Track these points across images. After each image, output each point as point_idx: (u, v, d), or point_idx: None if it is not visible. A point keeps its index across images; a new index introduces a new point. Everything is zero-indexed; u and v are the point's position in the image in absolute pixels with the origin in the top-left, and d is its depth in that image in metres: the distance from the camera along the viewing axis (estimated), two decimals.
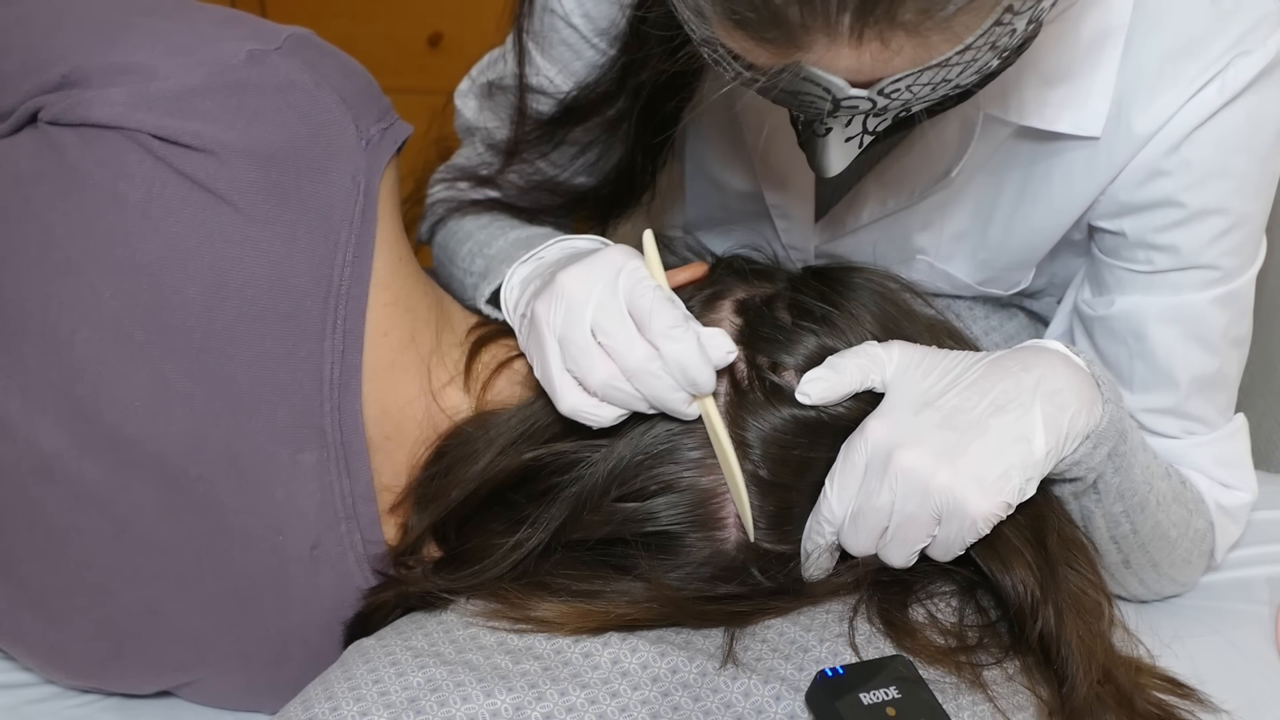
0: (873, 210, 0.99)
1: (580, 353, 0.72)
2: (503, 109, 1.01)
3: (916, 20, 0.60)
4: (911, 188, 0.96)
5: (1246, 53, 0.82)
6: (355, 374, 0.78)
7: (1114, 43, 0.84)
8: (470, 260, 0.97)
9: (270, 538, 0.78)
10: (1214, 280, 0.88)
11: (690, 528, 0.76)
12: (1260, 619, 0.97)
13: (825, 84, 0.64)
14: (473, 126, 1.06)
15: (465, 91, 1.08)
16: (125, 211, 0.74)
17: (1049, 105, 0.86)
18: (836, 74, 0.64)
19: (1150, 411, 0.92)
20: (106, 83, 0.75)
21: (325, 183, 0.77)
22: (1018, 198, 0.95)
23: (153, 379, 0.75)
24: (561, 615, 0.74)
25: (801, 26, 0.61)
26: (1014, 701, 0.74)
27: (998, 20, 0.63)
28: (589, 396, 0.73)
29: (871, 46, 0.61)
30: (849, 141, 0.72)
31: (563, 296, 0.73)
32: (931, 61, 0.63)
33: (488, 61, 1.06)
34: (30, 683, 0.91)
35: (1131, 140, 0.86)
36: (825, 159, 0.73)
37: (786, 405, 0.76)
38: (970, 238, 0.99)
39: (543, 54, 0.96)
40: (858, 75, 0.64)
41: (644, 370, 0.71)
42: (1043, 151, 0.91)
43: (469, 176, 1.03)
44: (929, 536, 0.73)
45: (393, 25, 1.99)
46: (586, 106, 0.94)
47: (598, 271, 0.73)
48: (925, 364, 0.75)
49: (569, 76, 0.96)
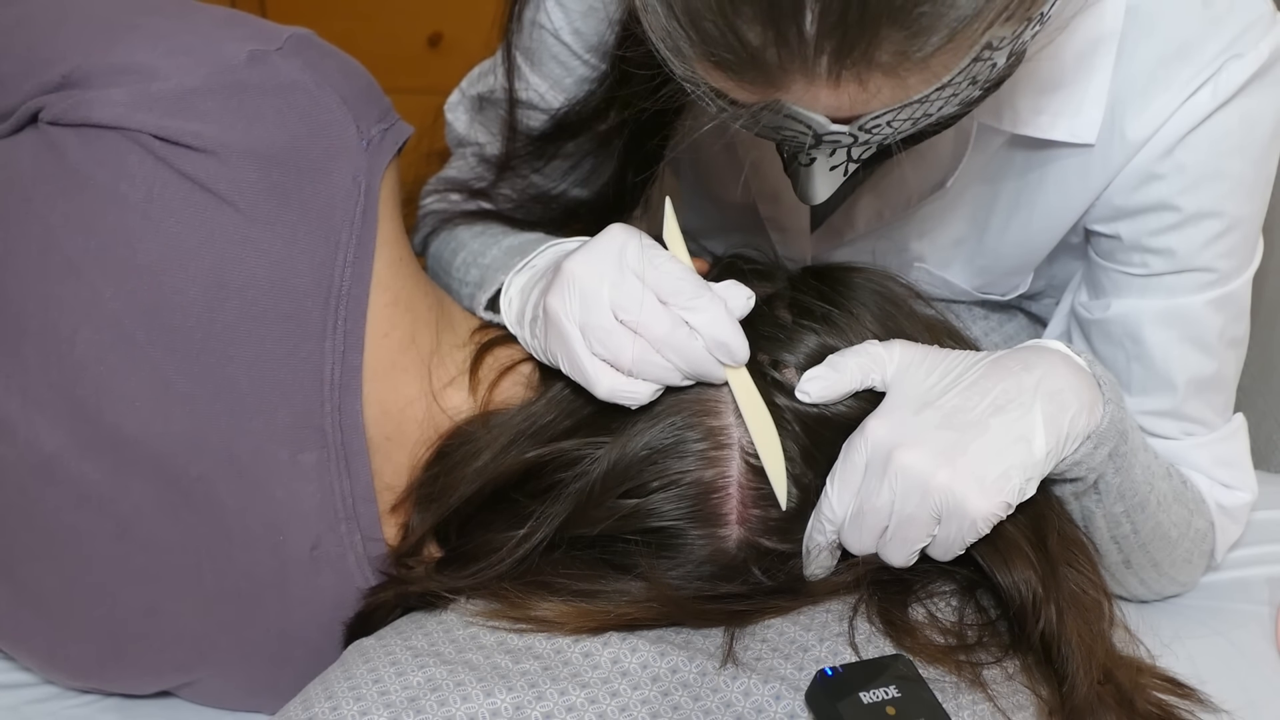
0: (868, 221, 0.99)
1: (606, 335, 0.72)
2: (493, 123, 1.01)
3: (894, 62, 0.60)
4: (907, 198, 0.96)
5: (1239, 56, 0.82)
6: (356, 374, 0.78)
7: (1106, 50, 0.84)
8: (465, 270, 0.97)
9: (270, 538, 0.78)
10: (1210, 283, 0.88)
11: (691, 524, 0.76)
12: (1260, 619, 0.97)
13: (806, 120, 0.65)
14: (464, 139, 1.06)
15: (455, 104, 1.08)
16: (126, 212, 0.74)
17: (1043, 114, 0.86)
18: (816, 111, 0.64)
19: (1149, 414, 0.92)
20: (107, 83, 0.75)
21: (326, 183, 0.77)
22: (1013, 205, 0.95)
23: (153, 379, 0.75)
24: (561, 615, 0.74)
25: (780, 68, 0.61)
26: (1014, 701, 0.74)
27: (976, 57, 0.63)
28: (624, 376, 0.73)
29: (850, 87, 0.62)
30: (833, 170, 0.72)
31: (574, 285, 0.73)
32: (910, 99, 0.64)
33: (478, 74, 1.06)
34: (30, 683, 0.91)
35: (1126, 146, 0.86)
36: (810, 188, 0.74)
37: (787, 403, 0.76)
38: (967, 245, 0.99)
39: (533, 69, 0.96)
40: (837, 112, 0.64)
41: (673, 338, 0.71)
42: (1037, 159, 0.91)
43: (461, 189, 1.03)
44: (929, 536, 0.73)
45: (393, 25, 1.99)
46: (577, 122, 0.95)
47: (603, 253, 0.74)
48: (926, 363, 0.76)
49: (560, 91, 0.96)
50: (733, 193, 1.04)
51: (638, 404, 0.74)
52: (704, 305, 0.71)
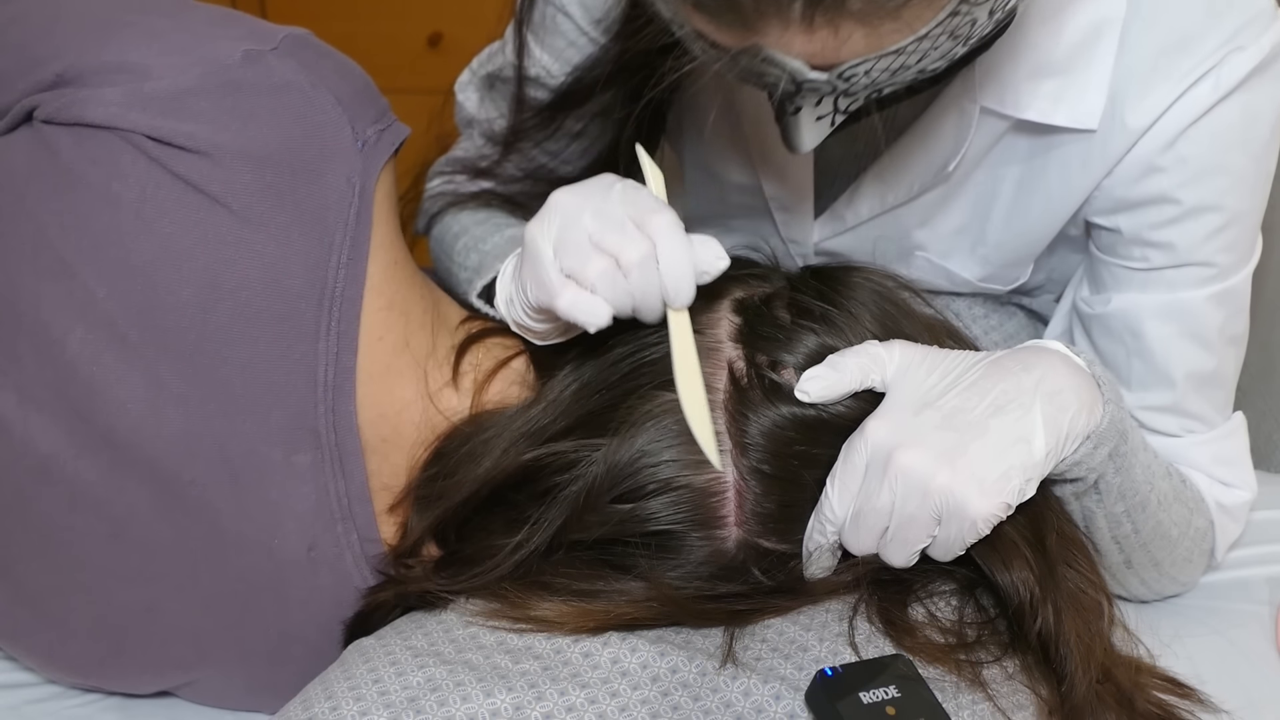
0: (871, 206, 0.99)
1: (577, 249, 0.71)
2: (503, 100, 1.02)
3: (866, 9, 0.62)
4: (910, 183, 0.96)
5: (1240, 49, 0.83)
6: (349, 376, 0.78)
7: (1109, 35, 0.84)
8: (465, 255, 0.98)
9: (266, 541, 0.78)
10: (1210, 277, 0.88)
11: (689, 527, 0.76)
12: (1260, 619, 0.97)
13: (784, 65, 0.66)
14: (473, 118, 1.07)
15: (466, 83, 1.09)
16: (119, 212, 0.74)
17: (1045, 98, 0.87)
18: (794, 57, 0.65)
19: (1149, 409, 0.92)
20: (101, 82, 0.75)
21: (320, 184, 0.77)
22: (1014, 193, 0.95)
23: (147, 380, 0.75)
24: (561, 615, 0.74)
25: (755, 12, 0.63)
26: (1014, 700, 0.74)
27: (954, 11, 0.64)
28: (585, 292, 0.71)
29: (822, 33, 0.63)
30: (820, 120, 0.74)
31: (557, 209, 0.73)
32: (886, 49, 0.65)
33: (487, 54, 1.07)
34: (30, 683, 0.91)
35: (1125, 134, 0.86)
36: (798, 137, 0.75)
37: (786, 403, 0.76)
38: (969, 233, 1.00)
39: (540, 45, 0.97)
40: (814, 59, 0.65)
41: (642, 266, 0.70)
42: (1039, 146, 0.91)
43: (467, 169, 1.04)
44: (929, 537, 0.73)
45: (393, 25, 1.99)
46: (581, 92, 0.96)
47: (591, 187, 0.74)
48: (926, 364, 0.75)
49: (564, 67, 0.97)
50: (738, 173, 1.04)
51: (596, 323, 0.71)
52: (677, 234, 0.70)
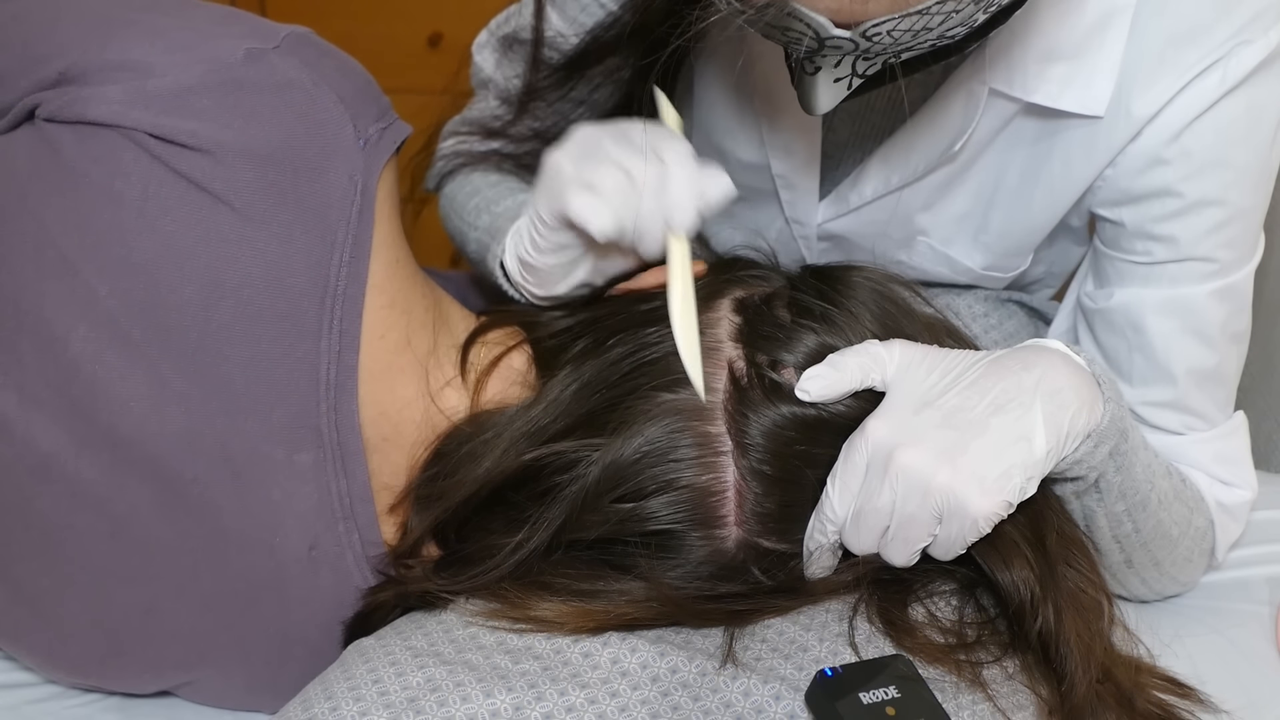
0: (876, 186, 0.99)
1: (595, 162, 0.76)
2: (519, 61, 1.04)
3: None
4: (915, 163, 0.96)
5: (1248, 42, 0.83)
6: (351, 375, 0.78)
7: (1120, 22, 0.85)
8: (476, 215, 0.99)
9: (267, 540, 0.78)
10: (1212, 273, 0.88)
11: (689, 526, 0.76)
12: (1260, 619, 0.97)
13: (809, 21, 0.67)
14: (489, 79, 1.08)
15: (483, 44, 1.09)
16: (121, 210, 0.74)
17: (1053, 82, 0.87)
18: (819, 12, 0.66)
19: (1150, 405, 0.92)
20: (103, 80, 0.75)
21: (322, 182, 0.77)
22: (1018, 180, 0.95)
23: (149, 378, 0.75)
24: (561, 615, 0.74)
25: None
26: (1014, 700, 0.74)
27: None
28: (597, 198, 0.76)
29: None
30: (838, 82, 0.74)
31: (580, 136, 0.78)
32: (910, 9, 0.65)
33: (505, 16, 1.08)
34: (30, 683, 0.91)
35: (1129, 122, 0.86)
36: (814, 97, 0.75)
37: (786, 403, 0.76)
38: (972, 219, 1.00)
39: (554, 7, 0.99)
40: (839, 16, 0.66)
41: (652, 183, 0.75)
42: (1045, 131, 0.91)
43: (481, 129, 1.06)
44: (930, 536, 0.73)
45: (393, 25, 1.99)
46: (599, 50, 0.97)
47: (612, 123, 0.80)
48: (926, 363, 0.75)
49: (578, 30, 0.98)
50: (746, 150, 1.04)
51: (601, 226, 0.75)
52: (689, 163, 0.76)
